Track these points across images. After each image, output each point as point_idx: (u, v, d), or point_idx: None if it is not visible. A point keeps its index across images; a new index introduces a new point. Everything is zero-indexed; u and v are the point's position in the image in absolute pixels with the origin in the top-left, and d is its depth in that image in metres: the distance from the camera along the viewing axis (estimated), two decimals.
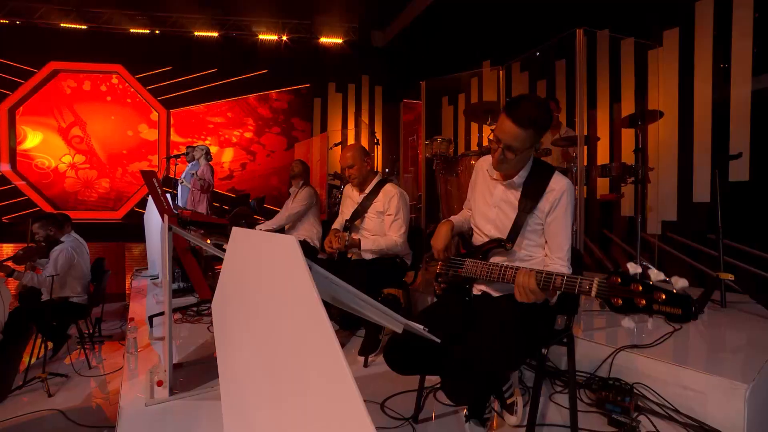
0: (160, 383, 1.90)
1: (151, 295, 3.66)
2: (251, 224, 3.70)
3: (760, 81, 3.58)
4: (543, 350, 1.31)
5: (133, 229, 6.66)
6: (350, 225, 2.29)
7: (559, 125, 4.07)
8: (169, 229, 1.77)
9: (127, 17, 7.26)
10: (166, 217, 1.78)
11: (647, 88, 4.30)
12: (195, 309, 3.11)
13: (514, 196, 1.47)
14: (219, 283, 1.10)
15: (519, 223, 1.43)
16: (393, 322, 0.83)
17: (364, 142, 7.73)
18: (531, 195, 1.43)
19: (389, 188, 2.32)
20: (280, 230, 3.34)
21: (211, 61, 7.64)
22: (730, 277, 2.31)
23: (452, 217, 1.64)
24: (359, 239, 2.24)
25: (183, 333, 2.69)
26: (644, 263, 2.78)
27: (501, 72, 4.38)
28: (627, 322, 2.27)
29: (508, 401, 1.61)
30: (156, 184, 2.69)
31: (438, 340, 0.88)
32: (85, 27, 7.22)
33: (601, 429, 1.58)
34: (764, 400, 1.59)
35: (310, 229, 3.38)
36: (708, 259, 3.62)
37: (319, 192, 3.67)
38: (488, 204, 1.54)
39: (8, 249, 6.17)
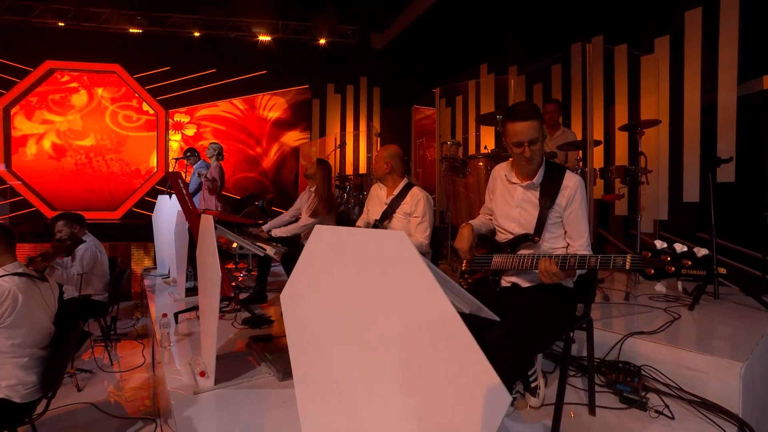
0: (202, 374, 2.01)
1: (166, 293, 3.74)
2: (259, 226, 3.77)
3: (745, 87, 3.83)
4: (570, 333, 1.48)
5: (132, 229, 6.68)
6: (379, 225, 2.45)
7: (558, 126, 4.20)
8: (215, 228, 1.88)
9: (126, 17, 7.25)
10: (210, 217, 1.90)
11: (640, 94, 4.52)
12: None
13: (534, 196, 1.67)
14: (292, 278, 1.23)
15: (542, 219, 1.64)
16: (463, 302, 0.98)
17: (364, 143, 7.86)
18: (549, 193, 1.64)
19: (416, 191, 2.49)
20: (296, 236, 3.38)
21: (209, 62, 7.68)
22: (723, 270, 2.51)
23: (471, 221, 1.82)
24: None
25: None
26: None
27: (513, 81, 4.56)
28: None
29: (532, 384, 1.78)
30: (182, 185, 2.80)
31: (498, 318, 1.03)
32: (83, 26, 7.18)
33: (615, 405, 1.76)
34: (756, 376, 1.80)
35: None
36: None
37: None
38: (510, 205, 1.73)
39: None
